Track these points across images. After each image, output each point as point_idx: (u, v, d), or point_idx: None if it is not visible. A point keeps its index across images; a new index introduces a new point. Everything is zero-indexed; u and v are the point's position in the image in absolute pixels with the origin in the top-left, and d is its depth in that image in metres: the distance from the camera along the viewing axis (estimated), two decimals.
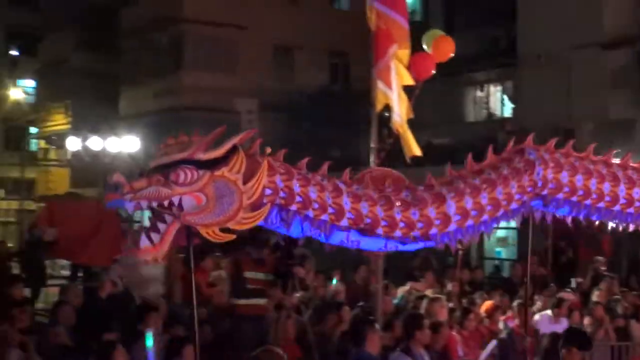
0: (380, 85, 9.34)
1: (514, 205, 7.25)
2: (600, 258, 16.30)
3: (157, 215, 5.94)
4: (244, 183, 5.90)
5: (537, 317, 11.94)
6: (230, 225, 6.04)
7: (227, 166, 5.91)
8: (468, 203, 6.95)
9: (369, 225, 6.58)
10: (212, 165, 5.88)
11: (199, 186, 5.82)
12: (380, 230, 6.68)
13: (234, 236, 6.33)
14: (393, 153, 9.45)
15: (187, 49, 34.15)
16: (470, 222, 7.06)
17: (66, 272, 17.68)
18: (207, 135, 6.15)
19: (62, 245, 13.11)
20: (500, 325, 11.35)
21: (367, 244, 6.94)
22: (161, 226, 5.94)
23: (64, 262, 17.03)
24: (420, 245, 7.25)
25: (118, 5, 39.79)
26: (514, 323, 11.39)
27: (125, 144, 28.63)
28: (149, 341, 7.21)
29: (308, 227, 6.49)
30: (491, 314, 11.42)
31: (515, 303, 12.38)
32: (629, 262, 19.43)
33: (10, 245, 18.23)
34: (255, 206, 6.02)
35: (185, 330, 8.90)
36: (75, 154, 31.94)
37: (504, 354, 10.52)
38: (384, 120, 9.78)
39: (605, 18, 25.09)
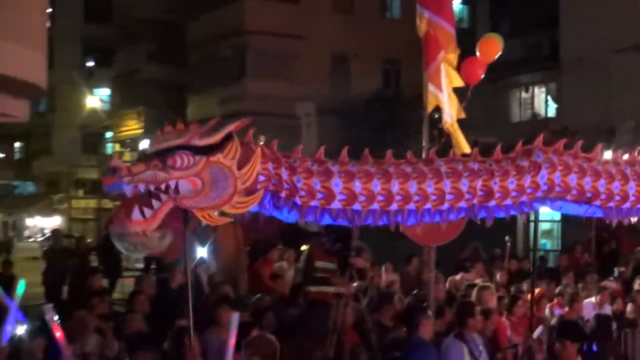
0: (431, 88, 9.27)
1: (508, 202, 7.00)
2: None
3: (155, 195, 5.87)
4: (239, 169, 5.85)
5: (587, 301, 11.78)
6: (225, 209, 6.02)
7: (222, 152, 5.88)
8: (464, 185, 6.73)
9: (364, 202, 6.40)
10: (208, 151, 5.85)
11: (195, 171, 5.80)
12: (375, 206, 6.51)
13: (229, 219, 6.41)
14: (443, 152, 9.35)
15: (249, 59, 34.25)
16: (463, 204, 6.83)
17: (140, 265, 17.85)
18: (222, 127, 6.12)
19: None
20: (547, 312, 11.21)
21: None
22: (155, 203, 5.89)
23: (138, 255, 17.16)
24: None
25: (184, 20, 40.08)
26: (562, 310, 11.28)
27: None
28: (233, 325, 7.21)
29: (299, 213, 6.37)
30: (539, 300, 11.24)
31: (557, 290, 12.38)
32: None
33: (89, 240, 18.48)
34: (249, 191, 5.98)
35: (250, 316, 9.02)
36: None
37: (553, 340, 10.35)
38: (435, 121, 9.70)
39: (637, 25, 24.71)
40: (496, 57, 9.97)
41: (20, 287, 7.22)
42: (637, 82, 23.66)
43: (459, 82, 9.37)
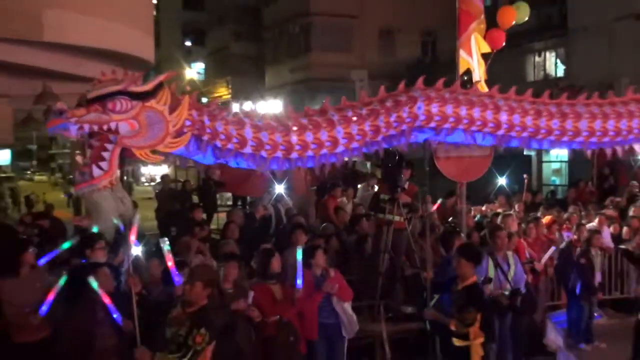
0: (462, 54, 9.30)
1: (392, 132, 6.70)
2: (635, 182, 15.79)
3: (99, 146, 5.70)
4: (169, 113, 5.73)
5: (590, 225, 11.63)
6: (159, 148, 5.89)
7: (155, 99, 5.73)
8: (354, 129, 6.49)
9: (270, 151, 6.22)
10: (143, 97, 5.69)
11: (133, 114, 5.64)
12: (279, 154, 6.32)
13: (161, 158, 6.17)
14: None
15: (313, 35, 34.20)
16: (355, 144, 6.57)
17: (230, 202, 18.08)
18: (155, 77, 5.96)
19: (227, 183, 13.34)
20: (557, 235, 11.01)
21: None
22: (105, 154, 5.74)
23: (229, 194, 17.29)
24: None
25: (262, 5, 40.30)
26: (570, 234, 11.14)
27: (270, 107, 29.04)
28: (299, 254, 7.25)
29: (217, 155, 6.22)
30: (550, 225, 11.11)
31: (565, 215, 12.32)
32: None
33: (192, 183, 18.84)
34: (179, 133, 5.86)
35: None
36: None
37: (564, 260, 10.26)
38: (465, 82, 9.55)
39: None
40: (512, 23, 9.84)
41: (136, 217, 7.34)
42: (635, 45, 23.09)
43: (486, 49, 9.38)
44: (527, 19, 10.05)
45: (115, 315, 6.16)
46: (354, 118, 6.46)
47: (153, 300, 6.85)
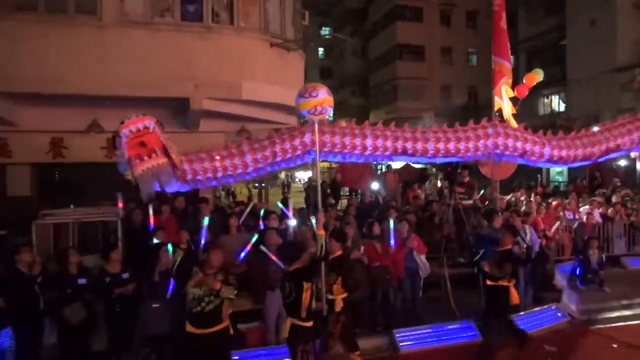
0: (496, 99, 8.83)
1: (289, 156, 5.52)
2: (616, 179, 14.70)
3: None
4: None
5: (581, 209, 10.87)
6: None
7: None
8: (249, 158, 5.40)
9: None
10: None
11: None
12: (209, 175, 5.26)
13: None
14: None
15: (400, 91, 34.18)
16: (260, 165, 5.47)
17: (346, 193, 18.04)
18: None
19: (346, 181, 13.41)
20: (561, 214, 10.30)
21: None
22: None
23: (346, 188, 17.23)
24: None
25: (368, 73, 40.41)
26: (570, 213, 10.49)
27: None
28: (392, 224, 7.19)
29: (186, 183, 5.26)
30: (556, 207, 10.47)
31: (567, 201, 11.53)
32: (633, 182, 17.25)
33: (327, 182, 19.10)
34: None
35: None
36: None
37: (577, 235, 9.79)
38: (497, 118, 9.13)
39: (617, 54, 22.28)
40: (535, 83, 9.37)
41: (290, 203, 7.52)
42: (615, 89, 21.48)
43: (511, 94, 8.85)
44: (542, 78, 9.52)
45: (278, 262, 6.12)
46: (252, 150, 5.45)
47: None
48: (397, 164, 16.14)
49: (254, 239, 6.60)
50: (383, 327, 7.08)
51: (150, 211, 6.98)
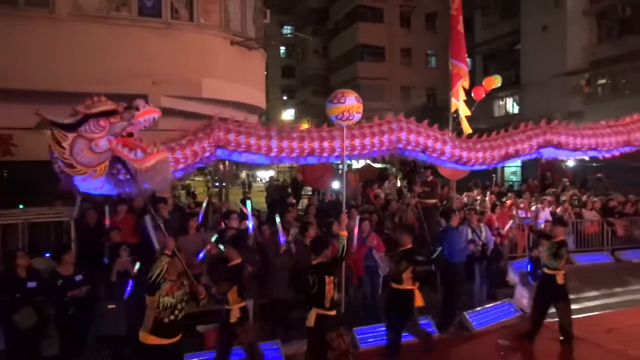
0: (453, 100, 9.06)
1: (206, 154, 5.37)
2: (565, 179, 15.31)
3: None
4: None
5: (533, 207, 11.27)
6: None
7: None
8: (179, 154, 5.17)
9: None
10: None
11: None
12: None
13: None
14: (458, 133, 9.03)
15: (361, 91, 34.30)
16: (182, 165, 5.19)
17: (309, 193, 18.07)
18: None
19: (307, 180, 13.38)
20: (514, 212, 10.63)
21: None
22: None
23: (308, 187, 17.27)
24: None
25: (330, 74, 40.43)
26: (524, 212, 10.84)
27: None
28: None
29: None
30: (510, 206, 10.82)
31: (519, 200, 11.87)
32: (580, 181, 17.97)
33: (287, 181, 19.05)
34: None
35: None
36: None
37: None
38: (455, 118, 9.35)
39: (567, 59, 23.17)
40: (493, 88, 9.62)
41: (249, 204, 7.46)
42: (565, 92, 22.43)
43: (464, 97, 9.05)
44: (500, 84, 9.78)
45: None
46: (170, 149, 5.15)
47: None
48: (357, 164, 16.33)
49: (213, 239, 6.52)
50: (343, 325, 7.13)
51: (107, 211, 6.79)
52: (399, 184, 15.21)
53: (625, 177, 16.38)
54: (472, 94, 9.40)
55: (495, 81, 9.20)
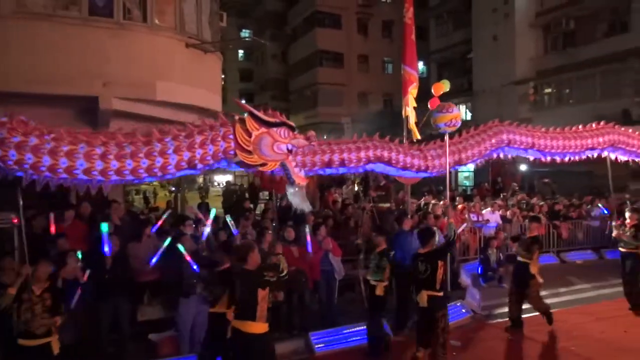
0: (405, 106, 9.19)
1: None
2: (515, 184, 15.87)
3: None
4: None
5: (484, 211, 11.63)
6: None
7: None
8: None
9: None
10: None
11: None
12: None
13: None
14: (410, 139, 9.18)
15: (320, 97, 34.70)
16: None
17: (266, 196, 17.94)
18: None
19: (264, 184, 13.32)
20: (466, 216, 10.95)
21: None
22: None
23: (266, 192, 17.12)
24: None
25: (289, 79, 40.52)
26: (474, 214, 11.15)
27: None
28: (308, 228, 7.31)
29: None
30: (462, 210, 11.12)
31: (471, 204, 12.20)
32: (528, 186, 18.70)
33: (245, 185, 18.82)
34: None
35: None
36: None
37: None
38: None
39: (516, 68, 24.01)
40: (442, 93, 9.82)
41: (213, 212, 7.36)
42: (515, 100, 23.29)
43: (414, 104, 9.14)
44: (449, 89, 10.03)
45: (194, 266, 6.01)
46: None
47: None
48: None
49: (166, 243, 6.39)
50: (299, 330, 7.14)
51: (52, 217, 6.52)
52: (356, 188, 15.39)
53: (570, 182, 17.16)
54: (429, 104, 9.58)
55: (444, 86, 9.48)
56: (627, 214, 8.66)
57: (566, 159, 8.99)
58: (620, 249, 8.52)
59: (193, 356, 5.78)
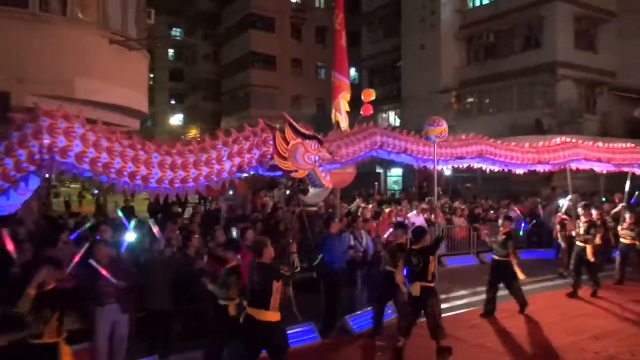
0: (336, 112, 9.30)
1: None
2: (439, 188, 16.47)
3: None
4: None
5: (410, 214, 11.99)
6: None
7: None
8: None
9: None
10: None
11: None
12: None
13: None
14: None
15: (252, 98, 34.37)
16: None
17: (195, 200, 17.50)
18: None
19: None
20: (393, 219, 11.23)
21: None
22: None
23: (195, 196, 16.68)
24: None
25: (221, 79, 39.90)
26: (401, 217, 11.45)
27: None
28: (235, 233, 7.26)
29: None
30: (389, 214, 11.40)
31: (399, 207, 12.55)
32: (452, 190, 19.52)
33: None
34: None
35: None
36: None
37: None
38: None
39: (441, 77, 25.00)
40: (371, 98, 10.03)
41: (132, 224, 7.02)
42: (439, 108, 24.24)
43: (347, 109, 9.31)
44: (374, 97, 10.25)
45: (109, 277, 5.67)
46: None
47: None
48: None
49: (84, 248, 6.04)
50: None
51: None
52: (288, 192, 15.40)
53: (488, 187, 18.14)
54: (361, 111, 9.74)
55: (372, 92, 9.74)
56: (499, 222, 9.01)
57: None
58: (494, 256, 8.61)
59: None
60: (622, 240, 10.33)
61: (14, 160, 4.38)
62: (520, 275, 8.26)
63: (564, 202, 11.57)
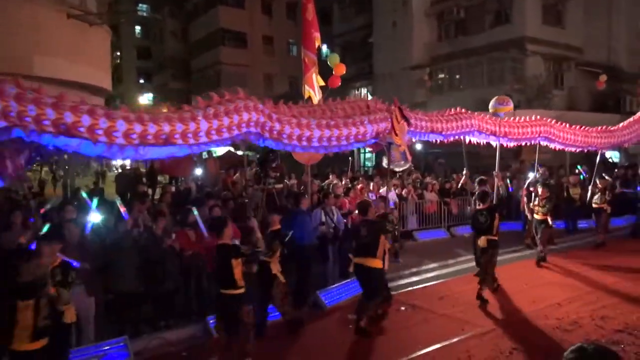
0: (307, 87, 9.27)
1: None
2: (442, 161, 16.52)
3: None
4: None
5: (382, 190, 12.08)
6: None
7: None
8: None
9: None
10: None
11: None
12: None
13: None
14: None
15: (222, 77, 33.55)
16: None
17: (166, 180, 17.34)
18: None
19: (165, 168, 12.79)
20: (366, 195, 11.30)
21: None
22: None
23: (166, 175, 16.56)
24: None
25: (191, 59, 38.72)
26: (373, 194, 11.53)
27: None
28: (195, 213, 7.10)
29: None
30: (361, 190, 11.45)
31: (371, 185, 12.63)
32: (424, 165, 19.67)
33: (142, 169, 17.89)
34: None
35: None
36: None
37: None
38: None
39: (413, 54, 24.98)
40: (342, 73, 9.97)
41: (94, 202, 6.83)
42: (411, 85, 24.33)
43: (321, 83, 9.35)
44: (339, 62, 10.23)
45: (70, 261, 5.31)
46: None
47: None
48: (219, 151, 16.00)
49: (44, 230, 5.87)
50: (197, 315, 6.98)
51: None
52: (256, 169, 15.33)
53: (460, 162, 18.34)
54: (328, 84, 9.73)
55: (343, 67, 9.74)
56: (539, 190, 10.10)
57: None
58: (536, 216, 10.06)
59: (83, 348, 5.43)
60: (535, 216, 10.12)
61: None
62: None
63: (531, 176, 11.82)
